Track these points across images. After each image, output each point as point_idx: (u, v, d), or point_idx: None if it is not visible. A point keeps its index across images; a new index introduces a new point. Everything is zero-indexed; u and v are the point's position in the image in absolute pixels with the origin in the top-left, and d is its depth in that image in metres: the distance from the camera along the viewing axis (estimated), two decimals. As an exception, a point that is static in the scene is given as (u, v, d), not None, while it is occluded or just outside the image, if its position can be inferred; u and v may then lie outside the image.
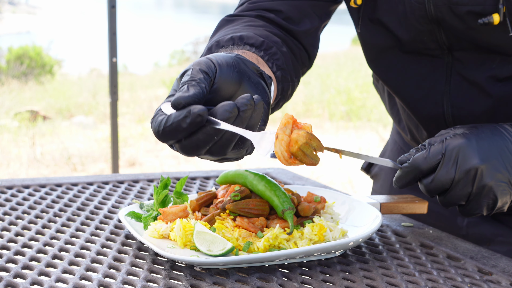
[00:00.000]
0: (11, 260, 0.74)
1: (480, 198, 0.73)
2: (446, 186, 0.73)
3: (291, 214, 0.78)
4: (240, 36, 0.82)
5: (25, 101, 7.36)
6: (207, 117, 0.60)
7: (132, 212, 0.84)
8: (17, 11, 26.35)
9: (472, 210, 0.74)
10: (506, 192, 0.73)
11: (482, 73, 0.83)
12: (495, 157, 0.72)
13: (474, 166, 0.72)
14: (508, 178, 0.73)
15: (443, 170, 0.73)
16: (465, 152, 0.72)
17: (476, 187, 0.72)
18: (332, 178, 4.59)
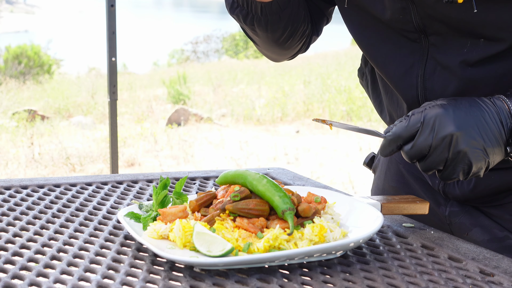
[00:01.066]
0: (9, 261, 0.73)
1: (456, 163, 0.78)
2: (425, 152, 0.79)
3: (291, 215, 0.77)
4: None
5: (23, 101, 7.35)
6: None
7: (131, 212, 0.83)
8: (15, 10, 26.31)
9: (449, 175, 0.79)
10: (480, 158, 0.77)
11: (454, 58, 0.87)
12: (471, 126, 0.77)
13: (450, 133, 0.77)
14: (483, 145, 0.77)
15: (422, 137, 0.78)
16: (442, 120, 0.78)
17: (452, 152, 0.77)
18: (332, 178, 4.59)
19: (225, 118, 7.12)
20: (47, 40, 10.86)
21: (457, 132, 0.77)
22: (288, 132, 6.39)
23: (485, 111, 0.78)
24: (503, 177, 0.96)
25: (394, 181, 1.10)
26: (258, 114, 6.93)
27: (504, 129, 0.78)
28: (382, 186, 1.13)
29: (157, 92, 8.62)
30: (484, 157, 0.77)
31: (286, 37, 1.04)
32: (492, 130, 0.77)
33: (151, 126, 6.37)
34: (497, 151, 0.78)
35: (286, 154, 5.31)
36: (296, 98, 7.47)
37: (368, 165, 1.18)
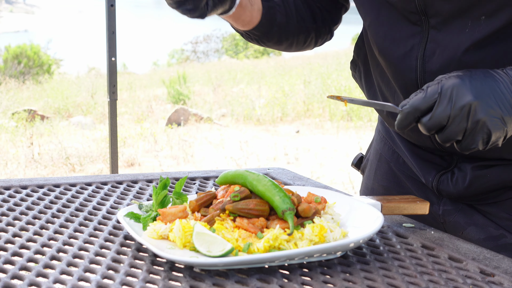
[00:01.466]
0: (8, 261, 0.73)
1: (475, 133, 0.78)
2: (444, 123, 0.79)
3: (292, 215, 0.77)
4: None
5: (23, 101, 7.35)
6: None
7: (131, 212, 0.83)
8: (15, 10, 26.30)
9: (469, 145, 0.79)
10: (499, 126, 0.77)
11: (455, 40, 0.88)
12: (487, 95, 0.77)
13: (468, 102, 0.77)
14: (500, 114, 0.77)
15: (440, 107, 0.78)
16: (459, 90, 0.78)
17: (471, 122, 0.77)
18: (332, 178, 4.59)
19: (225, 118, 7.12)
20: (47, 40, 10.85)
21: (475, 101, 0.77)
22: (288, 132, 6.39)
23: (499, 81, 0.79)
24: (499, 174, 0.96)
25: (384, 181, 1.10)
26: (258, 114, 6.93)
27: None
28: (371, 186, 1.13)
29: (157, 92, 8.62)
30: (502, 125, 0.77)
31: (287, 47, 1.08)
32: (508, 99, 0.78)
33: (151, 126, 6.37)
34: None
35: (286, 154, 5.31)
36: (296, 98, 7.47)
37: (357, 166, 1.19)
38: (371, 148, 1.17)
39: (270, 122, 6.80)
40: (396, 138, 1.08)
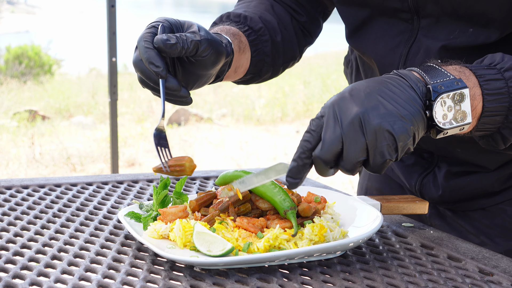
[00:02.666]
0: (10, 261, 0.74)
1: (377, 143, 0.66)
2: (338, 147, 0.67)
3: (294, 214, 0.78)
4: (245, 16, 1.00)
5: (24, 101, 7.35)
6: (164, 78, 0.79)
7: (131, 212, 0.84)
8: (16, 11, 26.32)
9: (377, 160, 0.67)
10: (401, 127, 0.66)
11: (438, 42, 0.87)
12: (374, 99, 0.67)
13: (356, 114, 0.66)
14: (397, 113, 0.67)
15: (328, 131, 0.67)
16: (341, 105, 0.68)
17: (368, 134, 0.66)
18: (332, 178, 4.59)
19: (225, 118, 7.11)
20: (48, 40, 10.85)
21: (363, 110, 0.66)
22: (288, 132, 6.38)
23: (386, 82, 0.69)
24: (478, 181, 0.96)
25: (377, 182, 1.11)
26: (258, 114, 6.93)
27: (416, 93, 0.68)
28: (366, 186, 1.14)
29: (158, 92, 8.60)
30: (404, 124, 0.66)
31: (265, 79, 1.07)
32: (401, 96, 0.68)
33: (152, 126, 6.37)
34: (417, 116, 0.68)
35: (286, 154, 5.31)
36: (296, 98, 7.46)
37: None
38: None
39: (270, 122, 6.80)
40: None
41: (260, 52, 0.99)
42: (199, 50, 0.79)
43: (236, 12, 1.01)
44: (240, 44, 0.95)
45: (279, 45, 1.02)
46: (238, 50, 0.94)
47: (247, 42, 0.97)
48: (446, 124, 0.70)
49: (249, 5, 1.05)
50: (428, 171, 1.01)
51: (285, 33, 1.03)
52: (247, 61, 0.98)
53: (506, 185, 0.96)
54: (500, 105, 0.73)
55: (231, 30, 0.95)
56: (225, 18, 1.01)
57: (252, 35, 0.98)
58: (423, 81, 0.70)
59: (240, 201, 0.81)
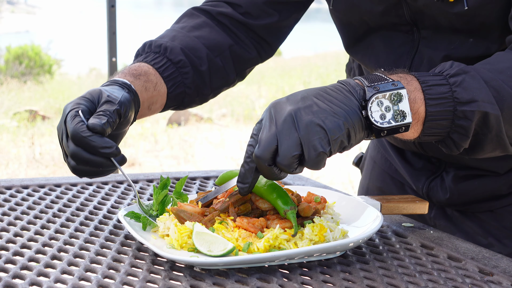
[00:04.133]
0: (10, 260, 0.74)
1: (309, 137, 0.68)
2: (273, 144, 0.69)
3: (294, 214, 0.78)
4: (166, 47, 0.99)
5: (24, 101, 7.35)
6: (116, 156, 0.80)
7: (131, 212, 0.84)
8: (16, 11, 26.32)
9: (311, 154, 0.69)
10: (332, 121, 0.69)
11: (441, 52, 0.87)
12: (308, 100, 0.70)
13: (289, 112, 0.69)
14: (331, 110, 0.69)
15: (265, 130, 0.70)
16: (277, 107, 0.71)
17: (301, 128, 0.69)
18: (332, 178, 4.59)
19: (225, 118, 7.11)
20: (48, 40, 10.85)
21: (296, 108, 0.69)
22: (288, 132, 6.37)
23: (326, 88, 0.72)
24: (486, 184, 0.96)
25: (379, 181, 1.11)
26: (258, 114, 6.93)
27: (353, 95, 0.71)
28: (367, 185, 1.15)
29: (158, 92, 8.60)
30: (336, 119, 0.69)
31: (192, 106, 1.06)
32: (337, 97, 0.71)
33: (152, 126, 6.37)
34: (352, 114, 0.69)
35: (287, 154, 5.30)
36: (296, 98, 7.45)
37: (357, 165, 1.20)
38: (367, 151, 1.18)
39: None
40: (387, 146, 1.09)
41: (180, 85, 0.99)
42: (122, 115, 0.83)
43: (158, 42, 0.99)
44: (147, 84, 0.93)
45: (205, 74, 1.01)
46: (144, 90, 0.92)
47: (161, 80, 0.96)
48: (385, 124, 0.71)
49: (183, 27, 1.03)
50: (436, 175, 1.01)
51: (214, 61, 1.02)
52: (161, 97, 0.97)
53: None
54: (445, 110, 0.73)
55: (138, 70, 0.94)
56: (147, 47, 1.00)
57: (170, 68, 0.97)
58: (360, 86, 0.72)
59: (240, 201, 0.81)
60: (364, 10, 0.92)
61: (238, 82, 1.09)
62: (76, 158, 0.79)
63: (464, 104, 0.72)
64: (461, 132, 0.74)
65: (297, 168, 0.71)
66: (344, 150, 0.72)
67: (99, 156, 0.79)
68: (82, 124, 0.79)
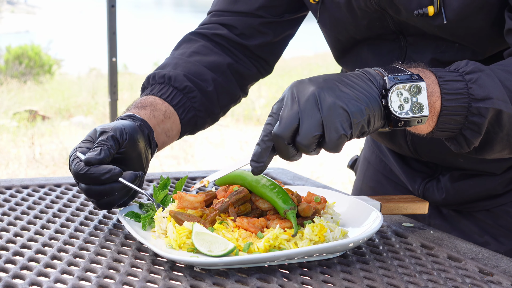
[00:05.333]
0: (10, 261, 0.74)
1: (332, 118, 0.69)
2: (295, 122, 0.69)
3: (294, 214, 0.78)
4: (170, 76, 1.01)
5: (24, 101, 7.35)
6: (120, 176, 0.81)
7: (131, 212, 0.84)
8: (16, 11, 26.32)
9: (333, 135, 0.69)
10: (355, 105, 0.69)
11: (427, 56, 0.89)
12: (332, 83, 0.71)
13: (312, 92, 0.70)
14: (353, 95, 0.70)
15: (286, 108, 0.70)
16: (299, 87, 0.71)
17: (324, 109, 0.69)
18: (332, 178, 4.59)
19: (225, 118, 7.11)
20: (48, 40, 10.85)
21: (319, 89, 0.69)
22: (288, 132, 6.37)
23: (347, 74, 0.73)
24: (482, 184, 0.97)
25: (373, 182, 1.12)
26: (258, 114, 6.93)
27: (374, 84, 0.71)
28: (360, 186, 1.16)
29: (158, 92, 8.59)
30: (358, 104, 0.69)
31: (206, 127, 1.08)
32: (357, 83, 0.71)
33: (152, 126, 6.36)
34: (373, 101, 0.70)
35: (287, 154, 5.31)
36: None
37: (351, 167, 1.21)
38: (361, 153, 1.19)
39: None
40: (383, 147, 1.10)
41: (190, 109, 1.01)
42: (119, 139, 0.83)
43: (161, 72, 1.01)
44: (155, 113, 0.95)
45: (212, 94, 1.03)
46: (152, 117, 0.94)
47: (170, 107, 0.98)
48: (403, 114, 0.72)
49: (183, 53, 1.05)
50: (432, 177, 1.02)
51: (218, 80, 1.04)
52: (175, 124, 0.99)
53: (510, 187, 0.97)
54: (459, 105, 0.73)
55: (144, 102, 0.96)
56: (151, 79, 1.02)
57: (177, 96, 0.99)
58: (380, 76, 0.73)
59: (240, 201, 0.81)
60: (349, 24, 0.93)
61: (242, 98, 1.12)
62: (91, 195, 0.81)
63: (479, 101, 0.73)
64: (473, 128, 0.74)
65: (315, 149, 0.71)
66: (363, 136, 0.72)
67: (107, 183, 0.80)
68: (79, 163, 0.81)
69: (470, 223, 0.99)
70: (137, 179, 0.82)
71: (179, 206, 0.80)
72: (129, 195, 0.83)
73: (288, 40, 1.10)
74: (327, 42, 1.03)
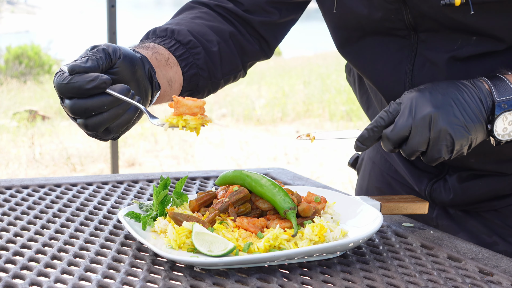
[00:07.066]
0: (10, 260, 0.74)
1: (438, 141, 0.78)
2: (406, 134, 0.79)
3: (294, 214, 0.78)
4: (173, 29, 0.94)
5: (24, 101, 7.35)
6: (109, 86, 0.71)
7: (131, 212, 0.84)
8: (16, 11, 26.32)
9: (434, 155, 0.79)
10: (462, 134, 0.78)
11: (443, 54, 0.89)
12: (449, 104, 0.78)
13: (429, 112, 0.78)
14: (463, 121, 0.78)
15: (402, 118, 0.79)
16: (419, 101, 0.79)
17: (433, 131, 0.78)
18: (332, 178, 4.59)
19: (225, 118, 7.11)
20: (48, 40, 10.85)
21: (436, 111, 0.77)
22: (288, 132, 6.38)
23: (463, 91, 0.79)
24: (490, 184, 0.96)
25: (378, 182, 1.11)
26: (258, 114, 6.93)
27: (484, 107, 0.78)
28: (366, 186, 1.14)
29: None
30: (465, 133, 0.78)
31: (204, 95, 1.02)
32: (472, 108, 0.78)
33: (152, 126, 6.37)
34: (479, 128, 0.79)
35: (286, 154, 5.31)
36: (296, 98, 7.46)
37: (353, 166, 1.20)
38: (365, 152, 1.18)
39: (270, 122, 6.80)
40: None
41: (193, 65, 0.94)
42: (111, 54, 0.74)
43: (162, 27, 0.95)
44: (158, 56, 0.88)
45: (215, 55, 0.97)
46: (154, 59, 0.86)
47: (173, 56, 0.91)
48: (505, 136, 0.79)
49: (185, 17, 1.00)
50: (439, 177, 1.01)
51: (222, 44, 0.99)
52: (178, 75, 0.92)
53: None
54: None
55: (146, 45, 0.90)
56: (151, 34, 0.95)
57: (180, 49, 0.93)
58: (491, 96, 0.79)
59: (240, 201, 0.81)
60: (362, 15, 0.92)
61: (241, 77, 1.07)
62: (77, 111, 0.70)
63: None
64: None
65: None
66: (459, 156, 0.80)
67: (95, 95, 0.69)
68: (61, 74, 0.71)
69: (478, 223, 0.99)
70: (129, 93, 0.71)
71: (176, 113, 0.70)
72: (123, 115, 0.72)
73: (291, 26, 1.07)
74: (330, 30, 1.00)
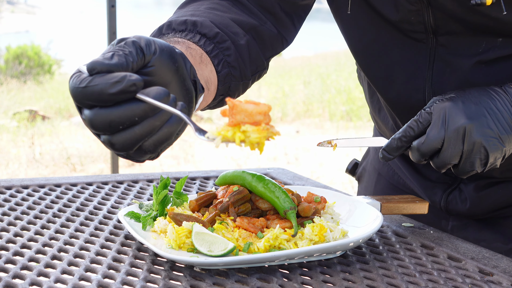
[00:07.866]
0: (10, 261, 0.74)
1: (472, 155, 0.75)
2: (438, 146, 0.75)
3: (294, 214, 0.78)
4: (194, 21, 0.74)
5: (24, 101, 7.35)
6: (140, 89, 0.51)
7: (131, 212, 0.84)
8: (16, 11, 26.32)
9: (467, 168, 0.76)
10: (496, 146, 0.75)
11: (467, 58, 0.84)
12: (483, 115, 0.75)
13: (463, 124, 0.74)
14: (497, 133, 0.75)
15: (434, 130, 0.76)
16: (452, 112, 0.75)
17: (467, 144, 0.74)
18: (332, 178, 4.59)
19: (225, 118, 7.10)
20: (48, 40, 10.85)
21: (470, 123, 0.74)
22: (288, 132, 6.38)
23: (496, 99, 0.76)
24: (507, 190, 0.93)
25: (383, 192, 1.06)
26: (258, 114, 6.92)
27: None
28: (370, 194, 1.09)
29: (158, 92, 8.58)
30: (500, 145, 0.75)
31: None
32: (505, 117, 0.75)
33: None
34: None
35: (286, 154, 5.31)
36: (296, 98, 7.46)
37: (351, 173, 1.14)
38: (368, 161, 1.11)
39: (270, 122, 6.79)
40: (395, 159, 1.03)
41: (224, 64, 0.77)
42: (144, 48, 0.56)
43: (180, 19, 0.75)
44: (192, 52, 0.70)
45: (244, 51, 0.80)
46: (190, 56, 0.69)
47: (205, 53, 0.74)
48: None
49: (197, 8, 0.79)
50: (453, 187, 0.97)
51: (248, 37, 0.81)
52: (213, 75, 0.75)
53: None
54: None
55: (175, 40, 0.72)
56: (165, 29, 0.75)
57: (207, 44, 0.75)
58: None
59: (240, 201, 0.81)
60: (378, 17, 0.87)
61: (264, 74, 0.90)
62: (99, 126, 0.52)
63: None
64: None
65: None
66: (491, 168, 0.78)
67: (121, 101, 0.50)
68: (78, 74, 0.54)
69: (494, 232, 0.96)
70: (169, 98, 0.51)
71: (232, 122, 0.53)
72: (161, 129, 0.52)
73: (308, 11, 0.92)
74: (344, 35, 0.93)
